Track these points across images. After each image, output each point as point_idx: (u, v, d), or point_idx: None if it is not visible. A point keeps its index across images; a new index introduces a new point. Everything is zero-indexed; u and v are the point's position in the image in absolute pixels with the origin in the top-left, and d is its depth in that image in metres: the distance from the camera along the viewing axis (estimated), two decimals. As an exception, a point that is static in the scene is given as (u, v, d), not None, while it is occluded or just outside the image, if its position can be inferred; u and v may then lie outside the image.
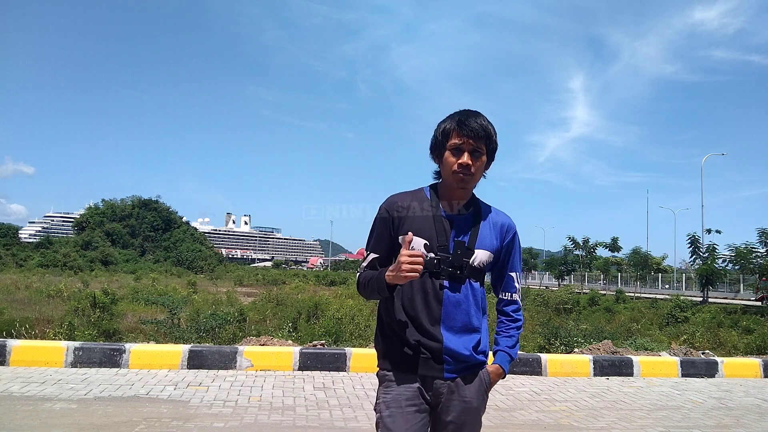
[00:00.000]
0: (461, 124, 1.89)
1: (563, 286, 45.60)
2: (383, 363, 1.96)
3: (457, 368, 1.90)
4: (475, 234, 1.93)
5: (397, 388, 1.89)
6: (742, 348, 11.49)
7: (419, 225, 1.90)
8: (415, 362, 1.88)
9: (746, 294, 34.48)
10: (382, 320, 2.00)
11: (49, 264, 56.96)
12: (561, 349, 9.34)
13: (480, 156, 1.90)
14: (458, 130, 1.89)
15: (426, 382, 1.90)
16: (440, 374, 1.88)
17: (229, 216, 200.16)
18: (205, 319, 10.65)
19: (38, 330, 9.50)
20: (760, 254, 31.06)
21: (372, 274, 1.92)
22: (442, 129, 1.94)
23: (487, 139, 1.90)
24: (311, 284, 40.66)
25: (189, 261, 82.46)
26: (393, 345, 1.93)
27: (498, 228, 1.99)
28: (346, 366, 6.57)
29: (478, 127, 1.88)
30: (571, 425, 4.87)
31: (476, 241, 1.92)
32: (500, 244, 1.99)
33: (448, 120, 1.94)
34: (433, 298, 1.88)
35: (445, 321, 1.88)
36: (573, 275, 56.26)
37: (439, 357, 1.87)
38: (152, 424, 4.27)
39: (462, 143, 1.88)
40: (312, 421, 4.58)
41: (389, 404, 1.88)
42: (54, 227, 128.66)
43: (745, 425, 5.09)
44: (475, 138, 1.87)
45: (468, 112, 1.93)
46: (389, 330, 1.96)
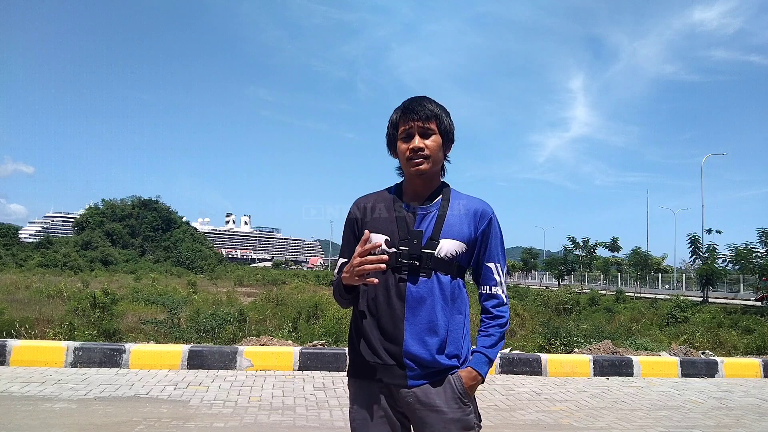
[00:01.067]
0: (406, 109, 1.82)
1: (563, 286, 45.60)
2: (349, 370, 1.88)
3: (423, 374, 1.74)
4: (440, 223, 1.79)
5: (361, 399, 1.82)
6: (742, 348, 11.48)
7: (381, 222, 1.82)
8: (377, 368, 1.77)
9: (746, 294, 34.52)
10: (351, 324, 1.92)
11: (49, 264, 56.95)
12: (561, 349, 9.33)
13: (431, 135, 1.80)
14: (404, 116, 1.82)
15: (392, 392, 1.77)
16: (404, 381, 1.74)
17: (229, 216, 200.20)
18: (205, 319, 10.63)
19: (38, 330, 9.49)
20: (760, 254, 31.05)
21: (339, 280, 1.84)
22: (391, 121, 1.88)
23: (435, 118, 1.81)
24: (311, 284, 40.63)
25: (189, 261, 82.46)
26: (357, 350, 1.83)
27: (471, 215, 1.84)
28: (346, 366, 6.57)
29: (423, 109, 1.80)
30: (571, 425, 4.87)
31: (441, 231, 1.78)
32: (474, 233, 1.83)
33: (396, 111, 1.88)
34: (395, 294, 1.76)
35: (409, 319, 1.74)
36: (573, 275, 56.25)
37: (400, 362, 1.74)
38: (152, 424, 4.27)
39: (410, 128, 1.80)
40: (312, 421, 4.58)
41: (355, 416, 1.83)
42: (54, 227, 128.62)
43: (745, 425, 5.09)
44: (422, 119, 1.79)
45: (413, 98, 1.86)
46: (354, 333, 1.86)
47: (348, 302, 1.86)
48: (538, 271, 68.21)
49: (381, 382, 1.77)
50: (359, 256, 1.67)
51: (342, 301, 1.86)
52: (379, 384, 1.78)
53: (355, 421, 1.83)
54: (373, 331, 1.79)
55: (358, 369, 1.83)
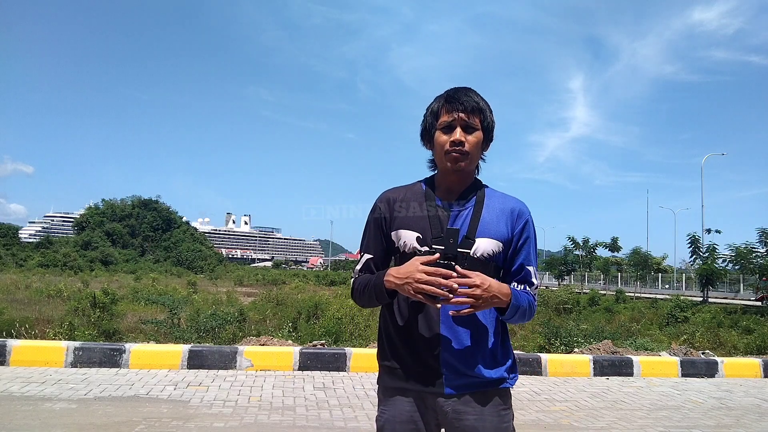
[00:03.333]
0: (450, 99, 1.69)
1: (563, 286, 45.54)
2: (380, 377, 1.77)
3: (460, 383, 1.64)
4: (476, 221, 1.67)
5: (394, 407, 1.70)
6: (742, 348, 11.48)
7: (411, 217, 1.71)
8: (411, 377, 1.66)
9: (746, 294, 34.51)
10: (380, 328, 1.80)
11: (49, 264, 56.94)
12: (561, 349, 9.33)
13: (473, 131, 1.68)
14: (447, 106, 1.68)
15: (427, 400, 1.67)
16: (440, 390, 1.63)
17: (229, 216, 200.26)
18: (205, 319, 10.63)
19: (38, 330, 9.49)
20: (760, 254, 31.06)
21: (368, 279, 1.71)
22: (431, 109, 1.74)
23: (480, 113, 1.69)
24: (311, 284, 40.66)
25: (189, 261, 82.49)
26: (388, 357, 1.72)
27: (507, 213, 1.72)
28: (346, 366, 6.57)
29: (469, 100, 1.67)
30: (571, 425, 4.87)
31: (477, 229, 1.66)
32: (510, 233, 1.71)
33: (437, 99, 1.74)
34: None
35: (445, 324, 1.63)
36: (573, 275, 56.26)
37: (436, 370, 1.63)
38: (152, 424, 4.27)
39: (452, 120, 1.67)
40: (312, 421, 4.58)
41: (383, 425, 1.71)
42: (54, 227, 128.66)
43: (745, 425, 5.09)
44: (466, 112, 1.66)
45: (458, 88, 1.73)
46: (385, 338, 1.75)
47: (377, 304, 1.73)
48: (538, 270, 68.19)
49: (414, 390, 1.67)
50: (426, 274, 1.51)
51: (372, 303, 1.71)
52: (412, 392, 1.68)
53: (384, 430, 1.71)
54: (406, 337, 1.68)
55: (390, 376, 1.72)
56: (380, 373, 1.77)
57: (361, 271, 1.78)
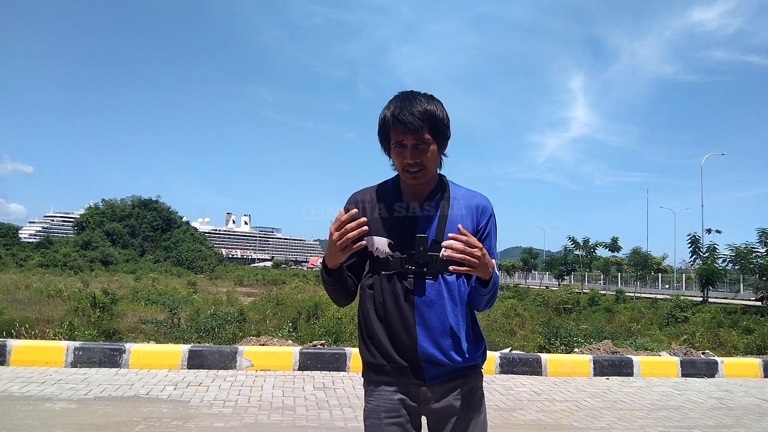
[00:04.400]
0: (395, 119, 1.67)
1: (563, 286, 45.54)
2: (364, 372, 1.86)
3: (439, 372, 1.76)
4: (443, 224, 1.74)
5: (377, 398, 1.78)
6: (742, 348, 11.48)
7: (382, 223, 1.76)
8: (392, 371, 1.76)
9: (746, 294, 34.52)
10: (360, 327, 1.87)
11: (49, 264, 56.95)
12: (561, 349, 9.33)
13: (426, 147, 1.69)
14: (393, 126, 1.69)
15: (409, 391, 1.77)
16: (421, 381, 1.75)
17: (229, 216, 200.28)
18: (205, 319, 10.63)
19: (38, 330, 9.49)
20: (760, 254, 31.07)
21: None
22: (381, 121, 1.74)
23: (429, 127, 1.68)
24: (311, 284, 40.60)
25: (189, 261, 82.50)
26: (370, 353, 1.80)
27: (473, 210, 1.79)
28: (346, 366, 6.57)
29: (414, 119, 1.65)
30: (571, 425, 4.87)
31: (445, 232, 1.72)
32: (474, 228, 1.78)
33: (385, 110, 1.73)
34: (404, 300, 1.73)
35: (420, 323, 1.73)
36: (573, 275, 56.28)
37: (416, 364, 1.74)
38: (152, 424, 4.27)
39: (402, 139, 1.68)
40: (312, 421, 4.58)
41: (368, 415, 1.80)
42: (54, 227, 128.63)
43: (745, 425, 5.09)
44: (414, 131, 1.66)
45: (402, 101, 1.70)
46: (366, 337, 1.82)
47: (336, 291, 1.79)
48: (538, 271, 68.26)
49: (397, 384, 1.76)
50: (336, 230, 1.60)
51: (331, 290, 1.80)
52: (395, 386, 1.77)
53: (368, 419, 1.80)
54: (384, 336, 1.76)
55: (374, 371, 1.81)
56: (364, 369, 1.85)
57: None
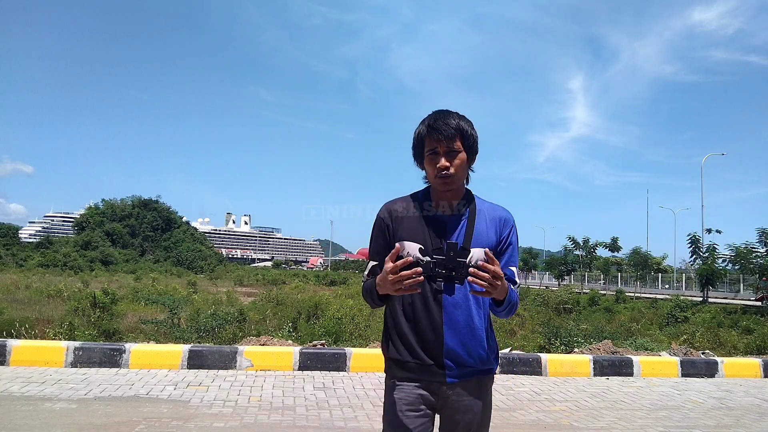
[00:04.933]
0: (431, 128, 1.88)
1: (563, 286, 45.52)
2: (388, 368, 1.99)
3: (461, 373, 1.89)
4: (470, 233, 1.90)
5: (400, 392, 1.91)
6: (742, 348, 11.48)
7: (413, 229, 1.92)
8: (417, 367, 1.89)
9: (746, 294, 34.51)
10: (387, 325, 2.02)
11: (49, 264, 56.89)
12: (561, 349, 9.33)
13: (457, 155, 1.88)
14: (429, 135, 1.89)
15: (431, 387, 1.90)
16: (443, 379, 1.88)
17: (229, 216, 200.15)
18: (205, 319, 10.62)
19: (38, 330, 9.49)
20: (760, 254, 31.04)
21: (371, 283, 1.93)
22: (417, 135, 1.95)
23: (461, 137, 1.88)
24: (311, 284, 40.65)
25: (189, 261, 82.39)
26: (397, 350, 1.94)
27: (495, 222, 1.96)
28: (346, 366, 6.57)
29: (448, 128, 1.86)
30: (571, 425, 4.87)
31: (472, 240, 1.89)
32: (497, 238, 1.95)
33: (421, 125, 1.94)
34: (433, 301, 1.88)
35: (447, 324, 1.87)
36: (573, 275, 56.22)
37: (440, 362, 1.87)
38: (152, 424, 4.27)
39: (436, 147, 1.88)
40: (312, 421, 4.59)
41: (389, 408, 1.93)
42: (54, 227, 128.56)
43: (745, 425, 5.09)
44: (447, 139, 1.86)
45: (437, 115, 1.92)
46: (393, 335, 1.96)
47: (379, 306, 1.99)
48: (538, 270, 68.19)
49: (420, 380, 1.89)
50: (391, 273, 1.73)
51: (373, 304, 1.98)
52: (418, 382, 1.90)
53: (389, 412, 1.92)
54: (412, 335, 1.90)
55: (399, 368, 1.93)
56: (388, 365, 1.99)
57: (368, 275, 2.01)
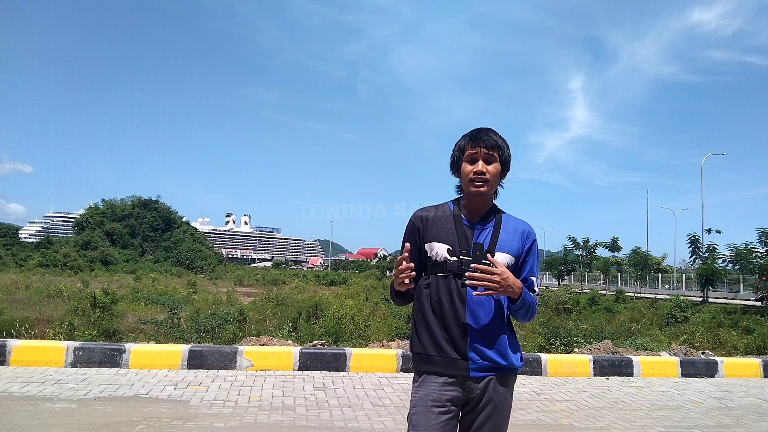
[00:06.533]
0: (474, 137, 2.09)
1: (563, 285, 45.56)
2: (415, 363, 2.10)
3: (484, 368, 2.00)
4: (495, 238, 2.06)
5: (426, 388, 2.02)
6: (742, 348, 11.50)
7: (443, 232, 2.08)
8: (442, 362, 2.01)
9: (746, 294, 34.48)
10: (414, 321, 2.13)
11: (49, 264, 56.91)
12: (561, 349, 9.33)
13: (493, 163, 2.07)
14: (472, 142, 2.08)
15: (456, 381, 2.00)
16: (467, 373, 1.99)
17: (229, 216, 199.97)
18: (205, 319, 10.64)
19: (38, 330, 9.50)
20: (760, 254, 31.05)
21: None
22: (459, 146, 2.14)
23: (498, 149, 2.08)
24: (311, 284, 40.72)
25: (189, 261, 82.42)
26: (423, 344, 2.06)
27: (519, 234, 2.12)
28: (346, 366, 6.57)
29: (489, 139, 2.07)
30: (571, 425, 4.87)
31: (496, 245, 2.05)
32: (521, 250, 2.10)
33: (463, 137, 2.14)
34: (457, 298, 2.01)
35: (470, 319, 1.99)
36: (573, 275, 56.23)
37: (465, 356, 1.99)
38: (152, 424, 4.27)
39: (476, 153, 2.07)
40: (312, 421, 4.59)
41: (416, 403, 2.03)
42: (54, 227, 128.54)
43: (745, 425, 5.09)
44: (487, 147, 2.06)
45: (480, 129, 2.13)
46: (419, 331, 2.08)
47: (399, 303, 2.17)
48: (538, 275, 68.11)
49: (445, 374, 2.00)
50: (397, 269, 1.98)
51: (398, 302, 2.16)
52: (443, 377, 2.00)
53: (415, 407, 2.02)
54: (438, 330, 2.03)
55: (425, 362, 2.05)
56: (415, 360, 2.10)
57: None
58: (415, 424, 2.00)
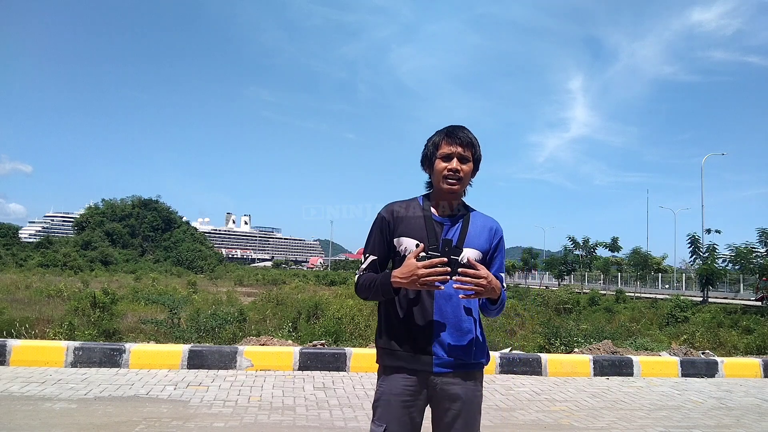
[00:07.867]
0: (450, 134, 2.09)
1: (563, 286, 45.55)
2: (379, 357, 2.11)
3: (448, 363, 2.01)
4: (464, 234, 2.08)
5: (390, 382, 2.05)
6: (742, 348, 11.49)
7: (412, 227, 2.08)
8: (406, 356, 2.02)
9: (746, 294, 34.46)
10: (380, 316, 2.15)
11: (49, 264, 56.88)
12: (561, 349, 9.33)
13: (467, 162, 2.08)
14: (447, 140, 2.08)
15: (420, 377, 2.02)
16: (430, 369, 2.00)
17: (229, 216, 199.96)
18: (205, 319, 10.63)
19: (38, 330, 9.50)
20: (760, 254, 31.04)
21: (374, 277, 2.06)
22: (433, 142, 2.13)
23: (472, 148, 2.09)
24: (311, 284, 40.67)
25: (189, 261, 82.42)
26: (388, 340, 2.07)
27: (487, 230, 2.14)
28: (346, 366, 6.57)
29: (465, 137, 2.08)
30: (571, 425, 4.87)
31: (464, 241, 2.06)
32: (489, 246, 2.13)
33: (437, 133, 2.13)
34: (426, 293, 2.01)
35: (437, 315, 2.01)
36: (573, 275, 56.22)
37: (428, 351, 2.00)
38: (152, 424, 4.27)
39: (451, 151, 2.07)
40: (312, 421, 4.59)
41: (380, 396, 2.06)
42: (54, 227, 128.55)
43: (745, 425, 5.09)
44: (462, 146, 2.07)
45: (455, 126, 2.13)
46: (386, 326, 2.09)
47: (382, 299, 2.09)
48: (538, 270, 68.20)
49: (409, 368, 2.01)
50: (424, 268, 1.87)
51: (377, 297, 2.07)
52: (406, 370, 2.02)
53: (379, 401, 2.05)
54: (403, 325, 2.03)
55: (389, 357, 2.06)
56: (379, 354, 2.11)
57: (366, 269, 2.13)
58: (379, 417, 2.03)
